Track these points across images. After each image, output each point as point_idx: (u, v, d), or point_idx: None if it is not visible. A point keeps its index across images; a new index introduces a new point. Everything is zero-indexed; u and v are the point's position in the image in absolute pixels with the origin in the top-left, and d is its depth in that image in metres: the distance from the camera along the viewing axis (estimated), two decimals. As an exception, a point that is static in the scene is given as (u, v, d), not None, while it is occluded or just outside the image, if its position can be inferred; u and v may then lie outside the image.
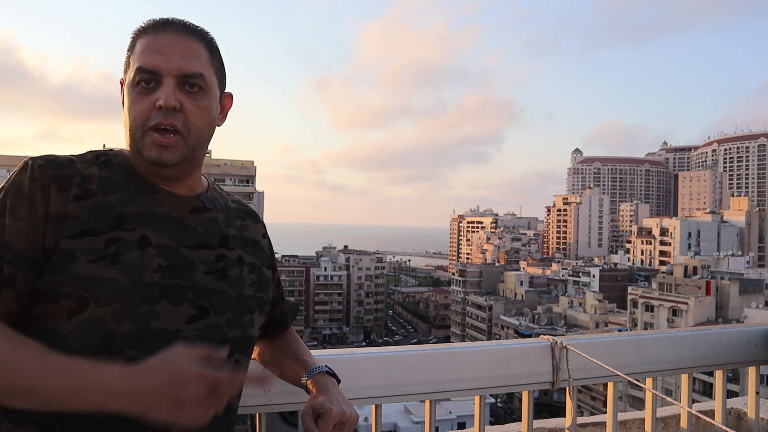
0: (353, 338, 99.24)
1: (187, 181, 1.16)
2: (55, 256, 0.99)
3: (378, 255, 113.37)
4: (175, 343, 0.97)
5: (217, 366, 0.91)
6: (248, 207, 1.33)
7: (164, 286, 1.04)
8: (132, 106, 1.07)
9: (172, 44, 1.07)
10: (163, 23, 1.10)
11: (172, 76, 1.06)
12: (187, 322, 1.05)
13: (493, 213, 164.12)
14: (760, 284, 62.01)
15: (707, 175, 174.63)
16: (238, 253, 1.18)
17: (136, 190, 1.10)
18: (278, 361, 1.37)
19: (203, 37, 1.12)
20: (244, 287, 1.17)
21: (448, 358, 1.73)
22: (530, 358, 1.80)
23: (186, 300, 1.06)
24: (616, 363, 1.84)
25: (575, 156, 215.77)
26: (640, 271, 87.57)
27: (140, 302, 1.00)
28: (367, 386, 1.60)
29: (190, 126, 1.08)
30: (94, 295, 0.97)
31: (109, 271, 0.99)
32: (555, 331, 59.57)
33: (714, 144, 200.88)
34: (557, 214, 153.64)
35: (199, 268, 1.09)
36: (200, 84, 1.09)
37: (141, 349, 0.98)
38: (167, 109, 1.05)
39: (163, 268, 1.05)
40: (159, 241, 1.06)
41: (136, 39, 1.10)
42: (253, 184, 61.20)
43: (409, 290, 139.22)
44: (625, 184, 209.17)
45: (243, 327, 1.14)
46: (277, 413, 2.47)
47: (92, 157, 1.11)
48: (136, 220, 1.06)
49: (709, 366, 2.09)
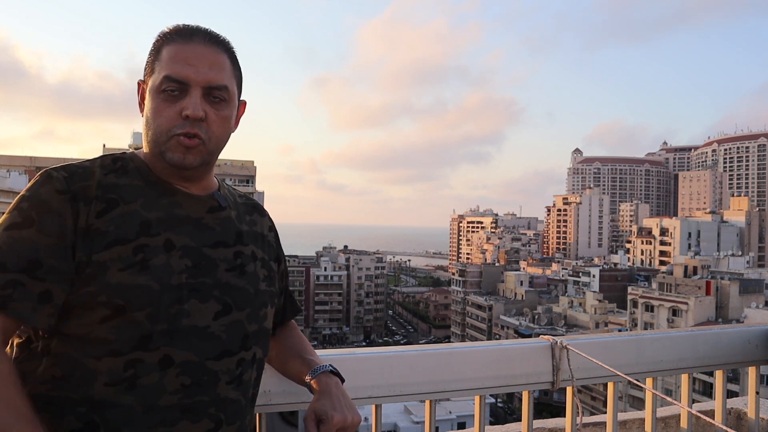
0: (353, 338, 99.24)
1: (202, 182, 1.21)
2: (89, 269, 1.03)
3: (378, 255, 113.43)
4: (206, 339, 1.08)
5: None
6: (253, 201, 1.38)
7: (191, 285, 1.09)
8: (157, 112, 1.11)
9: (200, 55, 1.11)
10: (191, 32, 1.13)
11: (199, 87, 1.10)
12: (214, 318, 1.11)
13: (493, 213, 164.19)
14: (760, 284, 62.02)
15: (707, 175, 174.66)
16: (251, 249, 1.24)
17: (157, 194, 1.14)
18: (283, 358, 1.39)
19: (227, 49, 1.17)
20: (259, 282, 1.22)
21: (448, 358, 1.73)
22: (530, 358, 1.80)
23: (212, 297, 1.11)
24: (616, 363, 1.84)
25: (575, 156, 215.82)
26: (640, 271, 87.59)
27: (171, 303, 1.06)
28: (367, 386, 1.60)
29: (211, 134, 1.13)
30: (128, 302, 1.02)
31: (140, 278, 1.04)
32: (555, 331, 59.56)
33: (714, 144, 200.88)
34: (557, 214, 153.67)
35: (220, 266, 1.15)
36: (224, 96, 1.14)
37: (175, 345, 1.05)
38: (194, 119, 1.10)
39: (189, 268, 1.10)
40: (182, 243, 1.11)
41: (161, 44, 1.13)
42: (253, 184, 61.23)
43: (409, 290, 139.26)
44: (625, 184, 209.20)
45: (259, 321, 1.20)
46: (277, 413, 2.49)
47: (109, 162, 1.15)
48: (159, 225, 1.10)
49: (709, 366, 2.09)
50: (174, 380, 1.05)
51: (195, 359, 1.07)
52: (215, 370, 1.09)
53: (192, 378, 1.06)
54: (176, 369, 1.05)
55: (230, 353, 1.12)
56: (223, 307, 1.12)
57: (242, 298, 1.16)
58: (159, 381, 1.04)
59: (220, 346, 1.10)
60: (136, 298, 1.03)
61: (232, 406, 1.12)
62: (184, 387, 1.06)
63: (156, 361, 1.04)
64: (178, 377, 1.05)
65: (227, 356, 1.11)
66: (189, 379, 1.06)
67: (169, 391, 1.04)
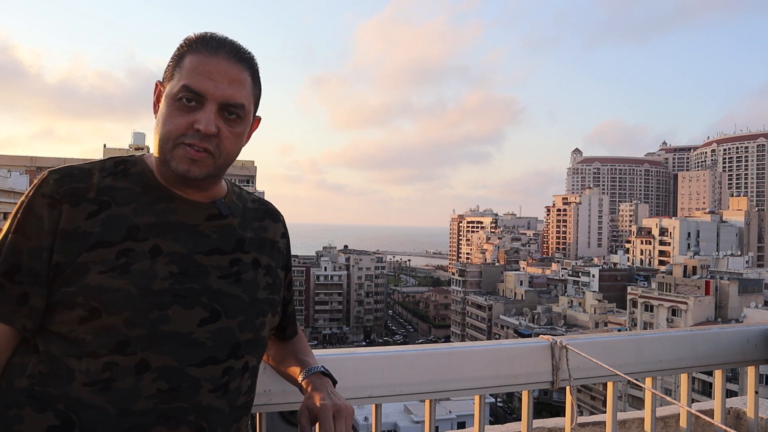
0: (353, 338, 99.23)
1: (207, 191, 1.19)
2: (70, 269, 1.04)
3: (378, 255, 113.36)
4: (188, 345, 1.07)
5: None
6: (268, 206, 1.35)
7: (176, 291, 1.08)
8: (169, 118, 1.10)
9: (222, 71, 1.10)
10: (218, 45, 1.11)
11: (215, 102, 1.09)
12: (199, 325, 1.09)
13: (493, 213, 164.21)
14: (759, 284, 62.05)
15: (707, 175, 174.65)
16: (253, 256, 1.21)
17: (153, 199, 1.13)
18: (279, 360, 1.41)
19: (250, 65, 1.15)
20: (258, 290, 1.19)
21: (448, 358, 1.74)
22: (530, 358, 1.81)
23: (198, 303, 1.09)
24: (616, 363, 1.84)
25: (575, 156, 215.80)
26: (639, 271, 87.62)
27: (151, 309, 1.05)
28: (367, 386, 1.60)
29: (222, 150, 1.12)
30: (104, 304, 1.02)
31: (119, 282, 1.03)
32: (555, 331, 59.57)
33: (713, 144, 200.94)
34: (557, 214, 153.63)
35: (212, 273, 1.13)
36: (239, 114, 1.12)
37: (154, 350, 1.04)
38: (205, 134, 1.09)
39: (174, 275, 1.09)
40: (171, 249, 1.10)
41: (185, 51, 1.12)
42: (253, 184, 61.27)
43: (409, 290, 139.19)
44: (625, 184, 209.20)
45: (254, 330, 1.17)
46: (277, 413, 2.48)
47: (111, 165, 1.15)
48: (148, 231, 1.09)
49: (709, 366, 2.09)
50: (150, 385, 1.04)
51: (174, 365, 1.05)
52: (197, 377, 1.07)
53: (169, 383, 1.05)
54: (153, 374, 1.04)
55: (216, 360, 1.10)
56: (211, 314, 1.10)
57: (234, 306, 1.14)
58: (134, 385, 1.03)
59: (203, 353, 1.08)
60: (112, 301, 1.02)
61: (216, 415, 1.10)
62: (160, 392, 1.04)
63: (132, 365, 1.03)
64: (154, 382, 1.04)
65: (212, 363, 1.09)
66: (166, 385, 1.05)
67: (145, 396, 1.03)
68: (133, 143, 61.40)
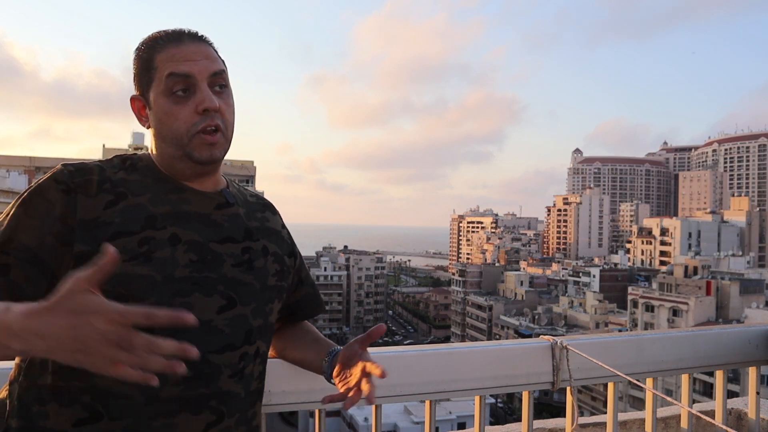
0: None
1: (212, 179, 1.23)
2: (94, 258, 1.06)
3: (378, 255, 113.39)
4: (209, 332, 1.10)
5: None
6: (265, 200, 1.39)
7: (195, 279, 1.11)
8: (172, 115, 1.13)
9: (195, 51, 1.15)
10: (179, 35, 1.16)
11: (204, 80, 1.14)
12: (218, 312, 1.13)
13: (493, 213, 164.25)
14: (760, 284, 62.04)
15: (707, 175, 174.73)
16: (263, 244, 1.25)
17: (165, 190, 1.16)
18: (294, 345, 1.43)
19: (210, 44, 1.21)
20: (268, 277, 1.24)
21: (448, 358, 1.73)
22: (530, 359, 1.80)
23: (216, 292, 1.13)
24: (617, 363, 1.84)
25: (575, 156, 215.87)
26: (640, 271, 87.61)
27: (173, 295, 1.08)
28: (367, 386, 1.60)
29: (227, 123, 1.17)
30: (130, 291, 1.04)
31: (143, 269, 1.06)
32: (555, 332, 59.57)
33: (714, 144, 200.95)
34: (557, 214, 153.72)
35: (227, 261, 1.17)
36: (226, 80, 1.18)
37: (178, 338, 1.05)
38: (212, 110, 1.13)
39: (194, 262, 1.12)
40: (189, 237, 1.13)
41: (151, 55, 1.15)
42: (252, 184, 61.26)
43: (409, 290, 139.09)
44: (626, 184, 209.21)
45: (265, 316, 1.22)
46: (277, 413, 2.48)
47: (119, 162, 1.19)
48: (166, 220, 1.12)
49: (710, 366, 2.09)
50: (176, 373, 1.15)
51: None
52: (218, 364, 1.11)
53: (194, 371, 1.06)
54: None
55: (233, 347, 1.14)
56: (228, 301, 1.14)
57: (247, 293, 1.18)
58: (161, 373, 1.06)
59: (223, 340, 1.12)
60: (138, 288, 1.05)
61: (234, 399, 1.15)
62: (185, 380, 1.06)
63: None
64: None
65: (230, 350, 1.13)
66: (191, 372, 1.03)
67: (171, 383, 1.06)
68: (133, 143, 61.27)
